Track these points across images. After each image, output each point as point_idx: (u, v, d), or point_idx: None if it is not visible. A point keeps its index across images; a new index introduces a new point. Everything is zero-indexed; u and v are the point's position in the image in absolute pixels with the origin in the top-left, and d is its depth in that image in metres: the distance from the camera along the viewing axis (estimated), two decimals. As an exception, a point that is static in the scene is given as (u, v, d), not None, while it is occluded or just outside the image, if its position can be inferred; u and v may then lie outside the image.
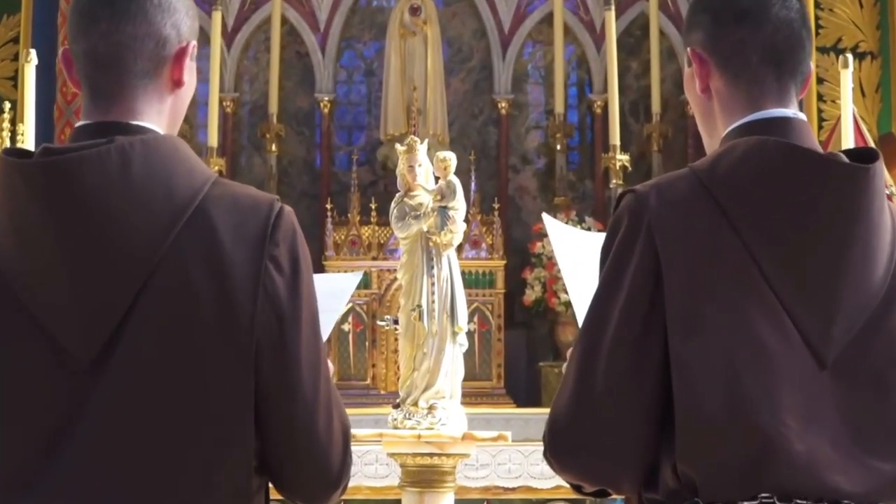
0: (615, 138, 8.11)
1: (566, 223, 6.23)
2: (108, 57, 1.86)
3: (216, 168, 8.28)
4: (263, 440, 1.81)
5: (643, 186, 1.94)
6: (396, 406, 4.19)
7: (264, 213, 1.82)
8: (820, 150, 1.93)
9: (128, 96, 1.87)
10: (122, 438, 1.73)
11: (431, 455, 4.01)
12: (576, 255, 2.73)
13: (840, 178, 1.88)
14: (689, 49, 2.04)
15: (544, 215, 3.09)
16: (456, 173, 4.28)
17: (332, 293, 3.06)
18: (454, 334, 4.15)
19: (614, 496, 2.01)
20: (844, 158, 1.90)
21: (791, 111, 1.98)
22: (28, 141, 4.78)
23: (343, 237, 8.40)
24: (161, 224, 1.77)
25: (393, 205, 4.29)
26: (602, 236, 1.99)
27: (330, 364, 1.99)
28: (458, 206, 4.24)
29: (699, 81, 2.03)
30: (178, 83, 1.91)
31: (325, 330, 3.03)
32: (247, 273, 1.78)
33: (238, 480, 1.77)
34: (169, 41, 1.88)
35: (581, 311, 2.41)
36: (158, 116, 1.89)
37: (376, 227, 8.38)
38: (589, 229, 7.83)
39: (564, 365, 1.99)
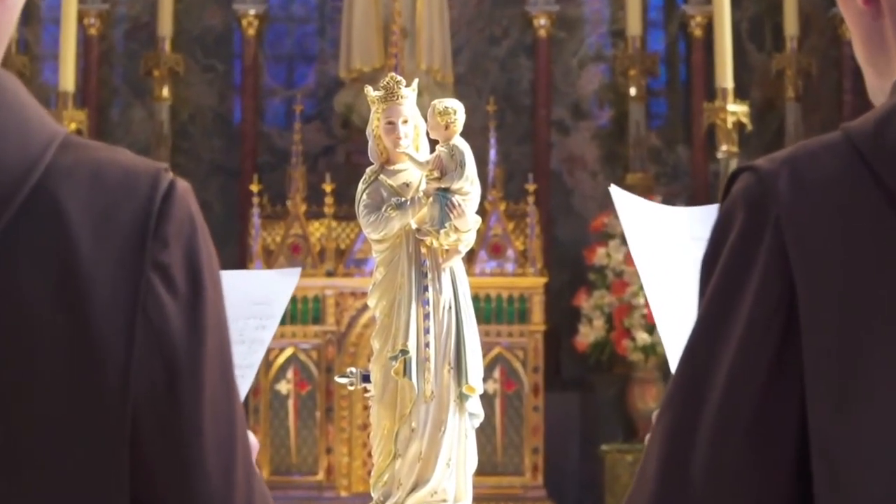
0: (725, 78, 8.12)
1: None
2: None
3: (72, 125, 8.30)
4: None
5: (769, 161, 1.95)
6: (367, 516, 4.21)
7: (144, 193, 1.83)
8: None
9: None
10: None
11: None
12: (666, 253, 2.74)
13: None
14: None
15: (613, 188, 3.09)
16: (466, 134, 4.30)
17: (250, 308, 3.03)
18: (462, 398, 4.17)
19: None
20: None
21: None
22: None
23: (279, 238, 8.41)
24: None
25: (361, 186, 4.31)
26: (709, 214, 2.00)
27: (253, 438, 2.01)
28: (469, 189, 4.26)
29: (863, -11, 2.06)
30: None
31: (245, 380, 3.02)
32: (117, 293, 1.78)
33: None
34: None
35: (673, 352, 2.42)
36: None
37: (334, 223, 8.40)
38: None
39: (646, 441, 2.01)
